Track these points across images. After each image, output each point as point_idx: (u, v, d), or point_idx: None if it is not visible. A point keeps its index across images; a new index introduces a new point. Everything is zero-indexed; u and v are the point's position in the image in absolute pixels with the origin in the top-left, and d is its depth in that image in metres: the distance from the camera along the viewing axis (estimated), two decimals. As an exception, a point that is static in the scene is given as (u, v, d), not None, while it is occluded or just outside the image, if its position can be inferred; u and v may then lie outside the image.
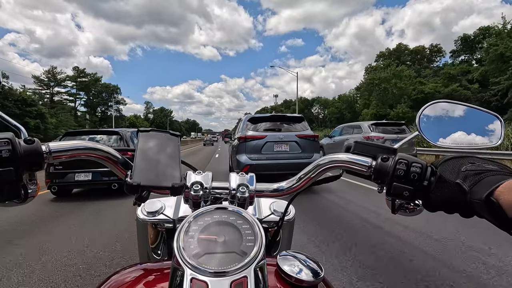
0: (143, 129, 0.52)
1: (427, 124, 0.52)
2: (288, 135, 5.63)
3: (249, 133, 5.64)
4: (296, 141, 5.60)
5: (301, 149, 5.55)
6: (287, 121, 6.00)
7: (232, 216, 0.39)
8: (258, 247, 0.35)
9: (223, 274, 0.32)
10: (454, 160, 0.41)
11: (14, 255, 2.66)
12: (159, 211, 0.63)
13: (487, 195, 0.33)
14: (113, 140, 5.85)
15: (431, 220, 3.32)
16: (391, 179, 0.42)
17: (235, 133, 7.36)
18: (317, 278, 0.41)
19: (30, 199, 0.44)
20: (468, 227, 3.08)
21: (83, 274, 2.29)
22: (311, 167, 0.53)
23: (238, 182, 0.51)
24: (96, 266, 2.41)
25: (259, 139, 5.53)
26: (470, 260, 2.36)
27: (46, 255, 2.66)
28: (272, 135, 5.58)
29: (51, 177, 5.17)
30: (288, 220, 0.65)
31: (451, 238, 2.87)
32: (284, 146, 5.57)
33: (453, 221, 3.21)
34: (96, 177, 5.21)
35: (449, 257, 2.44)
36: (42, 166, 0.43)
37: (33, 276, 2.26)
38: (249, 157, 5.45)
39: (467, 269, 2.21)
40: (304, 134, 5.71)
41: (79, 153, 0.48)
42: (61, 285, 2.12)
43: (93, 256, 2.60)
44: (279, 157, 5.48)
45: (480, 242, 2.71)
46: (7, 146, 0.38)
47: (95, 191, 5.79)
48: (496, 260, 2.36)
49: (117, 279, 0.45)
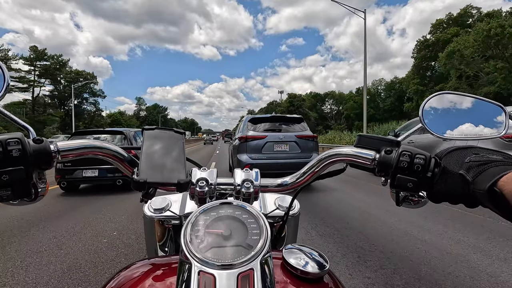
0: (148, 127, 0.53)
1: (432, 116, 0.51)
2: (288, 135, 5.80)
3: (250, 133, 5.81)
4: (295, 141, 5.77)
5: (300, 149, 5.73)
6: (287, 122, 6.16)
7: (237, 210, 0.40)
8: (264, 240, 0.36)
9: (230, 267, 0.33)
10: (458, 151, 0.41)
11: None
12: (166, 208, 0.63)
13: (490, 186, 0.33)
14: (117, 140, 6.10)
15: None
16: (395, 171, 0.43)
17: (235, 133, 7.54)
18: (323, 270, 0.42)
19: (40, 197, 0.44)
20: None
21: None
22: (315, 161, 0.53)
23: (243, 177, 0.52)
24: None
25: (260, 139, 5.71)
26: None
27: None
28: (272, 135, 5.75)
29: (61, 173, 5.49)
30: (293, 214, 0.65)
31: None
32: (284, 146, 5.75)
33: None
34: (102, 173, 5.51)
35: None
36: (51, 164, 0.43)
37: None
38: (250, 157, 5.62)
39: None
40: (303, 134, 5.87)
41: (87, 151, 0.49)
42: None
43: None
44: (279, 157, 5.65)
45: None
46: (17, 145, 0.38)
47: (101, 187, 6.08)
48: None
49: (126, 274, 0.46)
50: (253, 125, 6.00)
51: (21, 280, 2.20)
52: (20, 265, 2.44)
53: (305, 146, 5.78)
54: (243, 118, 6.99)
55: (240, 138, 5.83)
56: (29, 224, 3.62)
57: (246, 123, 6.06)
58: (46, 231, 3.36)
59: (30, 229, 3.42)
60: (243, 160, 5.58)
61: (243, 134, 5.84)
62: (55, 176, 5.52)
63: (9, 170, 0.37)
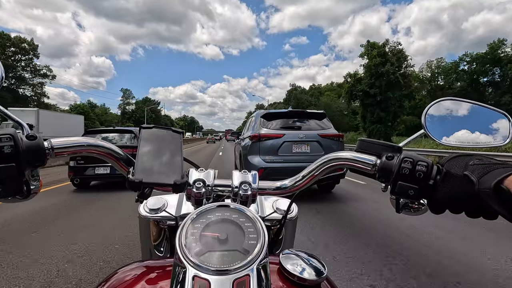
0: (145, 126, 0.53)
1: (433, 122, 0.51)
2: (309, 134, 4.82)
3: (264, 131, 4.88)
4: (318, 141, 4.80)
5: (324, 151, 4.69)
6: (307, 118, 5.15)
7: (234, 213, 0.40)
8: (261, 245, 0.35)
9: (226, 273, 0.32)
10: (460, 158, 0.41)
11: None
12: (162, 208, 0.60)
13: (496, 183, 0.32)
14: (126, 139, 6.12)
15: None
16: (396, 177, 0.42)
17: (243, 131, 6.54)
18: (320, 277, 0.40)
19: (33, 195, 0.43)
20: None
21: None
22: (314, 166, 0.53)
23: (240, 180, 0.51)
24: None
25: (276, 138, 4.77)
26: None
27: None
28: (290, 133, 4.80)
29: (74, 171, 5.66)
30: (291, 218, 0.63)
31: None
32: (304, 146, 4.79)
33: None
34: (113, 171, 5.50)
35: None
36: (45, 162, 0.42)
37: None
38: (263, 159, 4.71)
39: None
40: (327, 133, 4.86)
41: (81, 149, 0.48)
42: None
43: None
44: (298, 160, 4.70)
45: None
46: (9, 142, 0.38)
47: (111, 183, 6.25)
48: None
49: (119, 277, 0.44)
50: (267, 121, 5.06)
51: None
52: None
53: (329, 147, 4.78)
54: (253, 114, 5.97)
55: (251, 137, 4.90)
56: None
57: (259, 119, 5.11)
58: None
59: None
60: (255, 163, 4.67)
61: (255, 132, 4.91)
62: (68, 173, 5.75)
63: (0, 167, 0.37)
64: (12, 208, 4.24)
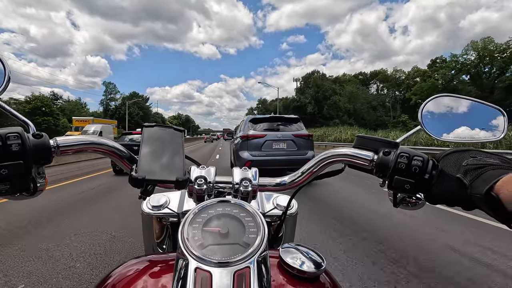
0: (147, 124, 0.53)
1: (430, 118, 0.52)
2: (286, 134, 6.27)
3: (251, 132, 6.38)
4: (292, 140, 6.25)
5: (297, 147, 6.18)
6: (284, 122, 6.61)
7: (235, 208, 0.41)
8: (261, 238, 0.36)
9: (226, 265, 0.33)
10: (455, 154, 0.41)
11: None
12: (164, 205, 0.63)
13: (487, 190, 0.33)
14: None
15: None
16: (393, 172, 0.43)
17: (236, 132, 8.06)
18: (319, 269, 0.42)
19: (39, 192, 0.44)
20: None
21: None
22: (313, 162, 0.54)
23: (241, 176, 0.53)
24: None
25: (260, 137, 6.26)
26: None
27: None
28: (271, 134, 6.28)
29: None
30: (291, 214, 0.65)
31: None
32: (281, 144, 6.26)
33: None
34: None
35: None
36: (50, 160, 0.43)
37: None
38: (250, 154, 6.18)
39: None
40: (299, 133, 6.29)
41: (86, 147, 0.49)
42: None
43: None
44: (277, 154, 6.19)
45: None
46: (17, 140, 0.38)
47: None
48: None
49: (121, 271, 0.46)
50: (253, 124, 6.57)
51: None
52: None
53: (301, 144, 6.24)
54: (243, 119, 7.58)
55: (241, 137, 6.43)
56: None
57: (247, 123, 6.62)
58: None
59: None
60: (244, 157, 6.15)
61: (245, 133, 6.42)
62: (111, 161, 7.66)
63: (9, 165, 0.38)
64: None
